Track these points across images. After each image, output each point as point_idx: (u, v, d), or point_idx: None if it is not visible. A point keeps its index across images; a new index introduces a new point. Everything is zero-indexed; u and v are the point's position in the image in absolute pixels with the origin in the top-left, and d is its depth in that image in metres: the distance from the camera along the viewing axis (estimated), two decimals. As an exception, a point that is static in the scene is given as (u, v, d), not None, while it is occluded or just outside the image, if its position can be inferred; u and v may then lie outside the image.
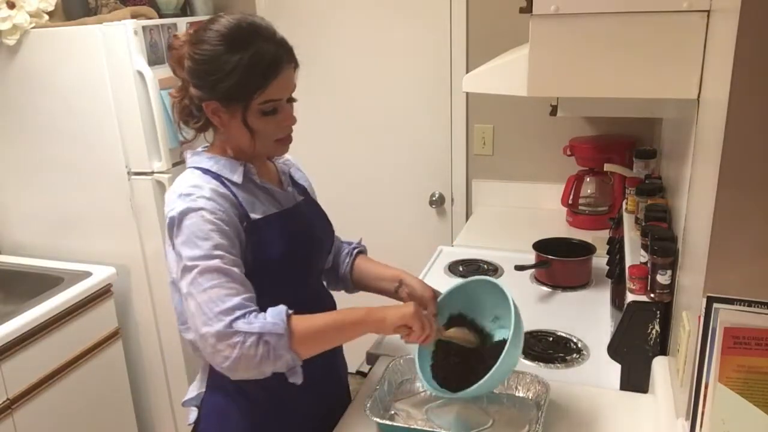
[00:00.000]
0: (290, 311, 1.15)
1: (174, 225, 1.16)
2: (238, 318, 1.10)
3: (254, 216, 1.22)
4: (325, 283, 1.48)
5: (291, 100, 1.23)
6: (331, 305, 1.42)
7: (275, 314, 1.12)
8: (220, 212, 1.16)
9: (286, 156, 1.40)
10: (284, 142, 1.26)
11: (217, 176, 1.21)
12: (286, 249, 1.25)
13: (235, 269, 1.15)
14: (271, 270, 1.23)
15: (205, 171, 1.22)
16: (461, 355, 1.33)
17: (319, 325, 1.18)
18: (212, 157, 1.24)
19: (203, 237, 1.13)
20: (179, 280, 1.16)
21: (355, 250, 1.53)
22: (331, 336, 1.21)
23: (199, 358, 1.30)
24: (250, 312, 1.12)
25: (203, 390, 1.34)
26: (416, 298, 1.38)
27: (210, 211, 1.15)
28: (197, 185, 1.18)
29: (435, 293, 1.40)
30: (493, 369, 1.18)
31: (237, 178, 1.22)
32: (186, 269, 1.14)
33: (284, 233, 1.26)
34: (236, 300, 1.12)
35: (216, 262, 1.13)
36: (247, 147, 1.22)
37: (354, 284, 1.52)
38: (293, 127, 1.26)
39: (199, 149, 1.29)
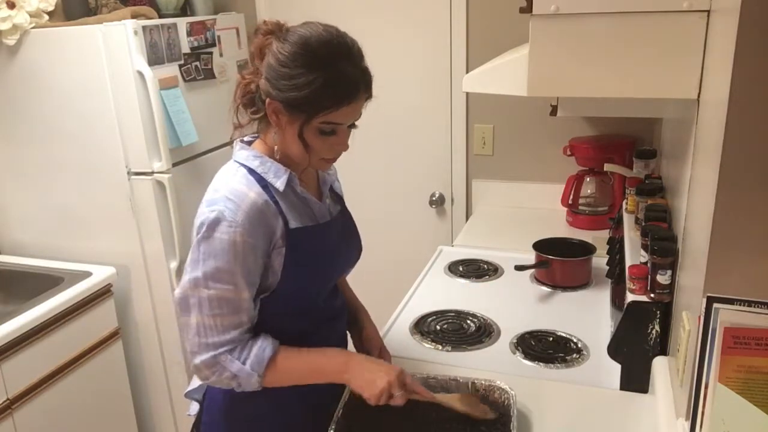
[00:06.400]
0: (274, 352, 1.21)
1: (205, 226, 1.15)
2: (225, 351, 1.18)
3: (293, 225, 1.22)
4: None
5: (352, 126, 1.23)
6: (342, 304, 1.45)
7: (256, 362, 1.20)
8: (253, 235, 1.16)
9: None
10: (329, 161, 1.26)
11: (260, 179, 1.21)
12: (316, 262, 1.28)
13: (245, 296, 1.18)
14: (298, 279, 1.25)
15: (251, 171, 1.22)
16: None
17: (296, 369, 1.25)
18: (260, 157, 1.23)
19: (228, 260, 1.15)
20: (187, 280, 1.18)
21: None
22: (304, 379, 1.27)
23: None
24: (237, 347, 1.19)
25: None
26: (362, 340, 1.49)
27: (244, 233, 1.15)
28: (241, 192, 1.17)
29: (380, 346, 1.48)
30: None
31: (280, 185, 1.22)
32: (199, 282, 1.16)
33: (316, 247, 1.28)
34: (232, 334, 1.19)
35: (229, 290, 1.16)
36: (295, 157, 1.23)
37: None
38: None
39: (247, 138, 1.28)
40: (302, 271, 1.25)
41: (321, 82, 1.13)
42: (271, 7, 2.75)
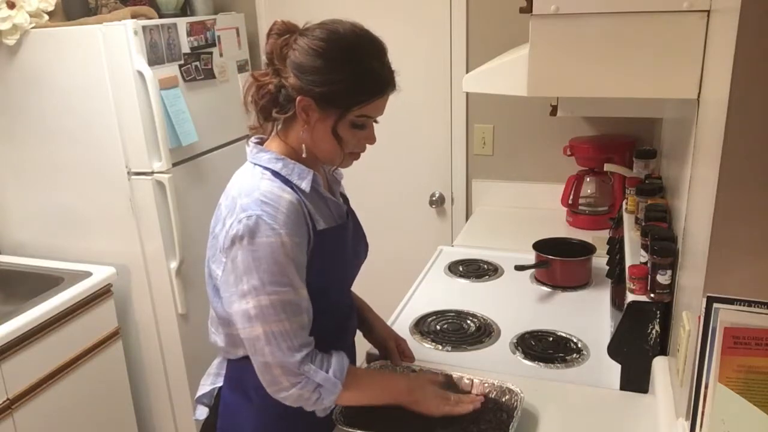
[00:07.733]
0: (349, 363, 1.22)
1: (247, 233, 1.12)
2: (306, 357, 1.16)
3: (320, 226, 1.21)
4: None
5: (375, 121, 1.24)
6: (353, 303, 1.46)
7: (338, 370, 1.19)
8: (298, 234, 1.14)
9: None
10: (354, 157, 1.26)
11: (286, 181, 1.19)
12: (340, 262, 1.28)
13: (303, 295, 1.17)
14: (324, 280, 1.24)
15: (275, 173, 1.19)
16: None
17: (368, 385, 1.27)
18: (281, 159, 1.21)
19: (280, 262, 1.12)
20: (243, 291, 1.14)
21: None
22: (373, 398, 1.27)
23: (219, 353, 1.34)
24: (317, 356, 1.18)
25: (217, 385, 1.34)
26: (380, 342, 1.49)
27: (288, 233, 1.12)
28: (276, 194, 1.14)
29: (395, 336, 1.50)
30: None
31: (305, 186, 1.20)
32: (256, 291, 1.13)
33: (340, 247, 1.27)
34: (302, 336, 1.16)
35: (289, 293, 1.14)
36: (326, 153, 1.22)
37: None
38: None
39: (254, 139, 1.25)
40: (328, 272, 1.24)
41: (356, 75, 1.15)
42: (271, 7, 2.75)
